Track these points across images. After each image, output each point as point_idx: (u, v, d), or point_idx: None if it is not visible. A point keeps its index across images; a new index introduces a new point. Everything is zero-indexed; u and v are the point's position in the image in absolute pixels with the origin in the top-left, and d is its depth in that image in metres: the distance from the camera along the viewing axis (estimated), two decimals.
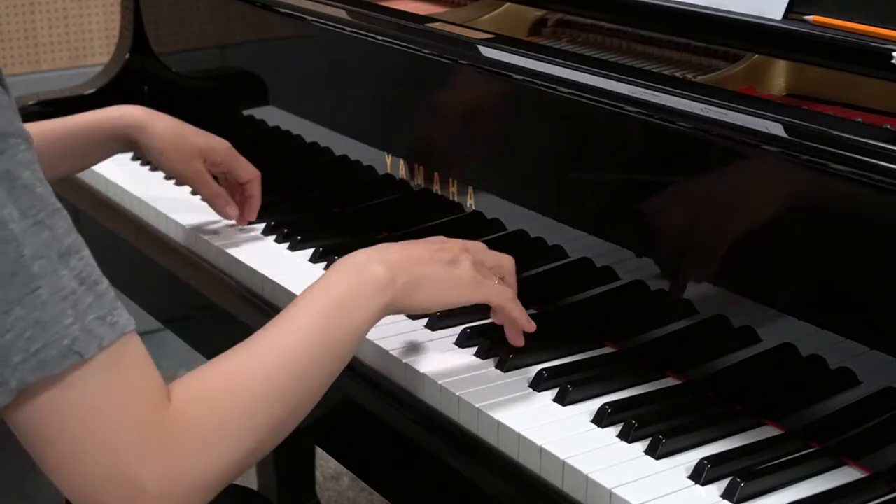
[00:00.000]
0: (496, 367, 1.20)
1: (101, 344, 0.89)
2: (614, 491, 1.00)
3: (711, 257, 1.16)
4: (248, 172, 1.55)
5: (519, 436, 1.08)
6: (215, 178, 1.57)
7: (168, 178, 1.78)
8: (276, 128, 1.77)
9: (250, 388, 0.99)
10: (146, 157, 1.57)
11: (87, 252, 0.92)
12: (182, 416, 0.94)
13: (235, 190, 1.57)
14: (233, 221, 1.57)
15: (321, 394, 1.05)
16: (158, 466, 0.92)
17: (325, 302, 1.06)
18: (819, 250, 1.07)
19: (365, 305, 1.07)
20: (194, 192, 1.71)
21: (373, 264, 1.09)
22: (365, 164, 1.58)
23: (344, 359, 1.06)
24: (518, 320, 1.17)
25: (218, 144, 1.55)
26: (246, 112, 1.84)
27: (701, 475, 1.02)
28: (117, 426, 0.91)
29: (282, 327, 1.04)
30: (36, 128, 1.50)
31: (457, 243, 1.17)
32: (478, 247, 1.19)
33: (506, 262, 1.20)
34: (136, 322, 0.94)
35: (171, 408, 0.94)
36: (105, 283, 0.92)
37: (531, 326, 1.18)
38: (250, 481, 2.46)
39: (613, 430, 1.09)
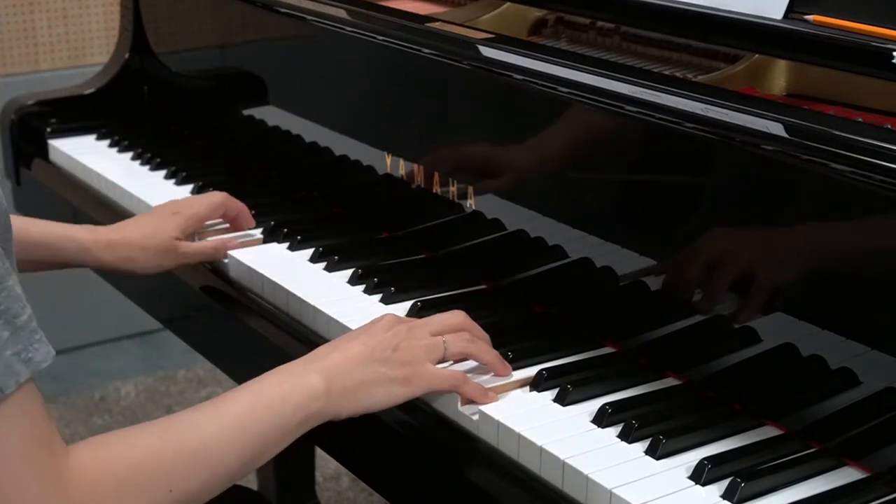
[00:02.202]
0: None
1: (17, 381, 0.89)
2: (614, 491, 1.00)
3: (711, 257, 1.16)
4: (213, 210, 1.50)
5: (519, 436, 1.08)
6: None
7: (168, 177, 1.78)
8: (276, 128, 1.77)
9: (155, 462, 0.99)
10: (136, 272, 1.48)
11: (10, 282, 0.90)
12: (82, 475, 0.94)
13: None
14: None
15: (230, 483, 1.05)
16: None
17: (253, 400, 1.06)
18: (819, 250, 1.07)
19: (292, 412, 1.07)
20: (196, 192, 1.71)
21: (310, 374, 1.09)
22: (365, 164, 1.58)
23: (262, 458, 1.06)
24: (473, 398, 1.14)
25: (181, 223, 1.47)
26: (246, 112, 1.84)
27: (701, 475, 1.02)
28: (15, 471, 0.90)
29: (204, 414, 1.05)
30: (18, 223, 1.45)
31: (398, 327, 1.15)
32: (422, 323, 1.17)
33: (454, 319, 1.19)
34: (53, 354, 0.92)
35: (73, 464, 0.94)
36: (25, 315, 0.90)
37: (488, 399, 1.14)
38: (250, 481, 2.46)
39: (613, 431, 1.09)
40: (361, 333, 1.16)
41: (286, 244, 1.52)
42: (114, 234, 1.46)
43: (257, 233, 1.55)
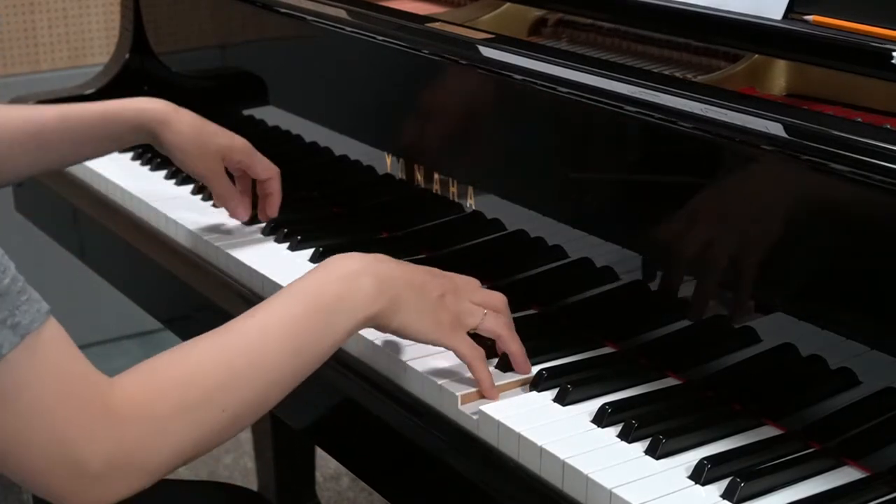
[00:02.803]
0: (496, 367, 1.20)
1: (0, 352, 0.88)
2: (614, 491, 1.00)
3: (711, 257, 1.16)
4: (267, 170, 1.54)
5: (519, 436, 1.08)
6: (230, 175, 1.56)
7: (168, 177, 1.78)
8: (276, 128, 1.77)
9: (207, 377, 0.98)
10: (165, 152, 1.55)
11: None
12: (131, 398, 0.95)
13: (250, 188, 1.56)
14: (234, 221, 1.57)
15: (284, 394, 1.04)
16: (102, 446, 0.92)
17: (307, 305, 1.05)
18: (819, 250, 1.07)
19: (347, 317, 1.06)
20: (196, 192, 1.71)
21: (364, 276, 1.08)
22: (365, 164, 1.58)
23: (314, 364, 1.05)
24: (481, 382, 1.14)
25: (238, 144, 1.54)
26: (246, 112, 1.84)
27: (701, 475, 1.02)
28: (53, 413, 0.91)
29: (256, 320, 1.03)
30: (57, 111, 1.51)
31: (450, 280, 1.16)
32: (470, 285, 1.18)
33: (496, 299, 1.19)
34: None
35: (121, 389, 0.95)
36: (7, 278, 0.89)
37: (491, 393, 1.14)
38: (250, 481, 2.46)
39: (613, 430, 1.09)
40: (414, 266, 1.15)
41: (286, 244, 1.52)
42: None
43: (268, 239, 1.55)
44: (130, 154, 1.88)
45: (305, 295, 1.06)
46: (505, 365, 1.20)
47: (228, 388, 0.99)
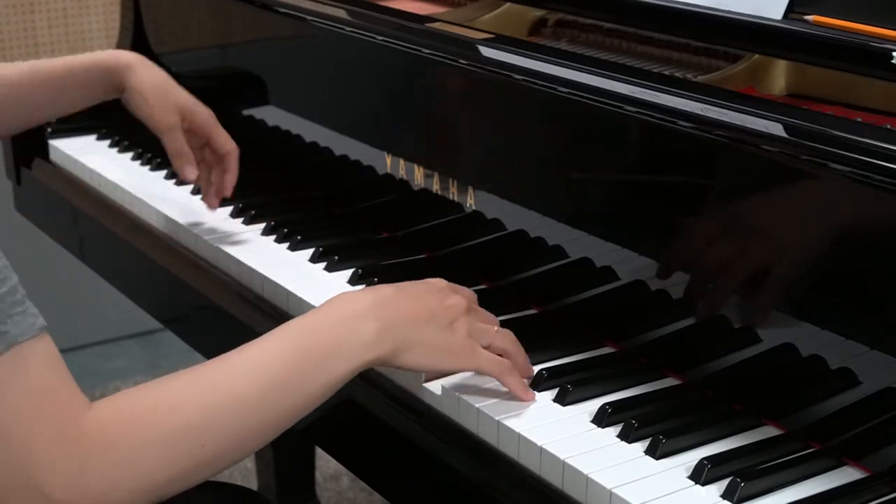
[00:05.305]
0: None
1: None
2: (614, 491, 1.00)
3: (711, 257, 1.16)
4: (227, 144, 1.57)
5: (519, 436, 1.08)
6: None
7: (168, 177, 1.78)
8: (276, 128, 1.77)
9: (184, 411, 0.94)
10: (127, 100, 1.59)
11: None
12: (102, 429, 0.91)
13: (212, 165, 1.59)
14: (235, 221, 1.58)
15: (270, 436, 1.01)
16: (66, 473, 0.89)
17: (302, 348, 1.01)
18: (819, 250, 1.07)
19: (343, 362, 1.03)
20: (196, 192, 1.71)
21: (368, 321, 1.05)
22: (365, 164, 1.58)
23: (305, 408, 1.01)
24: (516, 393, 1.13)
25: (201, 109, 1.57)
26: (246, 112, 1.84)
27: (701, 475, 1.02)
28: (23, 430, 0.88)
29: (245, 358, 0.99)
30: (28, 66, 1.56)
31: (460, 301, 1.12)
32: (477, 308, 1.16)
33: (492, 317, 1.18)
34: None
35: (93, 418, 0.91)
36: (4, 288, 0.88)
37: (528, 397, 1.13)
38: (250, 481, 2.46)
39: (613, 431, 1.09)
40: (422, 293, 1.11)
41: (286, 244, 1.52)
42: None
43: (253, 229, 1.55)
44: (130, 154, 1.88)
45: (302, 337, 1.02)
46: None
47: (206, 426, 0.95)
